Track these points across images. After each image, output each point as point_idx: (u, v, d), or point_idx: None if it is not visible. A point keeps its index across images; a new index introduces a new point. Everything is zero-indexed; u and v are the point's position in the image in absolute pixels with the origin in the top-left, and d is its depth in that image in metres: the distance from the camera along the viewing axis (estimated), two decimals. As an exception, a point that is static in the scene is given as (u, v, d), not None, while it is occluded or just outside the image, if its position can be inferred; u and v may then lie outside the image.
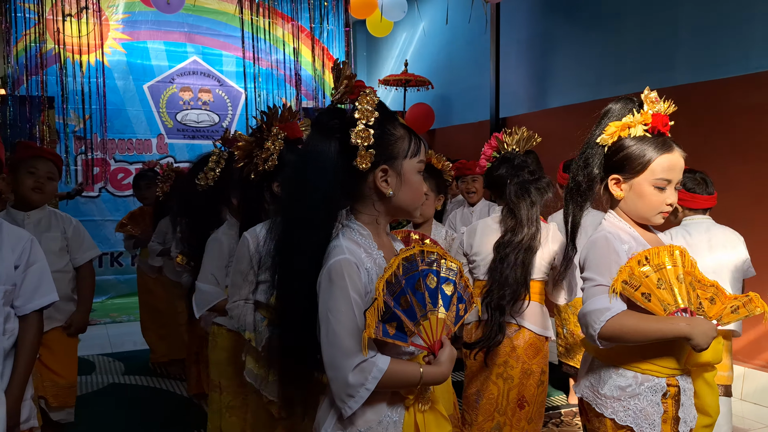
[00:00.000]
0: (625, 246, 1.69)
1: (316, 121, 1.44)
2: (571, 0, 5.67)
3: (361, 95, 1.42)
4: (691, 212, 2.88)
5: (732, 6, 4.25)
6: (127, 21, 7.24)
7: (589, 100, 5.40)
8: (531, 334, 2.43)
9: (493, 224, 2.51)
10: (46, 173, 2.78)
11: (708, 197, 2.89)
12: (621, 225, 1.76)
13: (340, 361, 1.32)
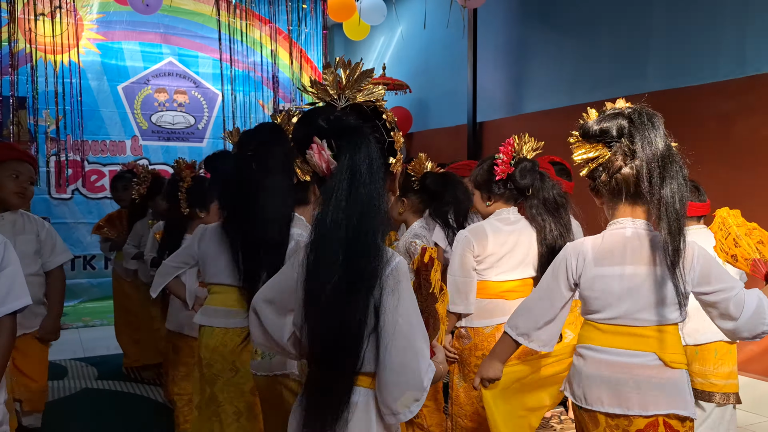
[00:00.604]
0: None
1: (361, 132, 1.35)
2: (546, 7, 5.74)
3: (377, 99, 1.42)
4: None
5: (703, 16, 4.34)
6: (102, 21, 7.14)
7: (564, 105, 5.47)
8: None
9: (503, 226, 2.56)
10: (28, 178, 2.76)
11: (701, 205, 2.88)
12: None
13: (416, 364, 1.29)
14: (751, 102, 4.01)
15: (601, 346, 1.76)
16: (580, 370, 1.80)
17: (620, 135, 1.73)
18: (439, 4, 6.68)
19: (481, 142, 6.37)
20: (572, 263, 1.80)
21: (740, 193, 4.07)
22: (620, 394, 1.72)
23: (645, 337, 1.73)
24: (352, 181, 1.30)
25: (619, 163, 1.73)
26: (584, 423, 1.82)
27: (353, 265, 1.29)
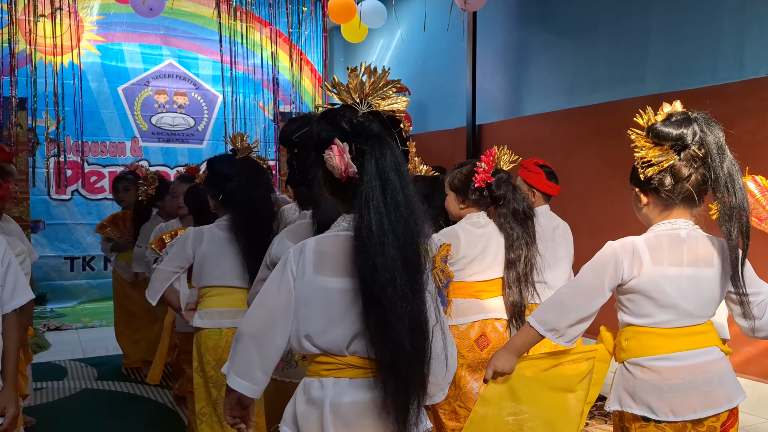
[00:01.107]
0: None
1: (384, 138, 1.40)
2: (546, 10, 5.77)
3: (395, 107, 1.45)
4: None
5: (701, 20, 4.37)
6: (102, 23, 7.16)
7: (563, 108, 5.49)
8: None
9: (474, 229, 2.64)
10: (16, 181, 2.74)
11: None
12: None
13: (452, 351, 1.48)
14: (749, 105, 4.03)
15: (672, 353, 1.75)
16: (658, 385, 1.73)
17: (693, 142, 1.75)
18: (439, 7, 6.71)
19: (479, 144, 6.39)
20: (624, 262, 1.76)
21: (738, 195, 4.10)
22: (709, 395, 1.73)
23: (705, 333, 1.78)
24: (384, 187, 1.34)
25: (687, 169, 1.74)
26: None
27: (411, 266, 1.35)
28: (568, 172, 5.37)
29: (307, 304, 1.43)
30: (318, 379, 1.45)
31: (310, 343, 1.44)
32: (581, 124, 5.28)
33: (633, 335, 1.80)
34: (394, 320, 1.33)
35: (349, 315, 1.39)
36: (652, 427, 1.73)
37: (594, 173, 5.12)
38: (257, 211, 2.56)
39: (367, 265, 1.34)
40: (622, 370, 1.81)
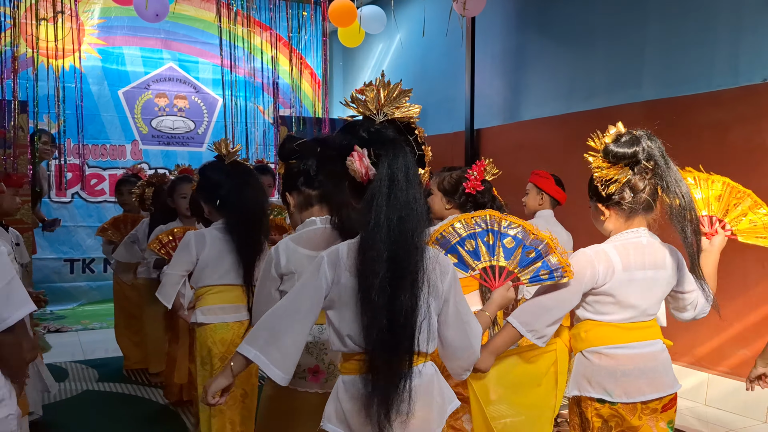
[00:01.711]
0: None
1: (399, 144, 1.52)
2: (544, 16, 5.83)
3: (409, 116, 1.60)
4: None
5: (697, 27, 4.43)
6: (103, 26, 7.20)
7: (561, 113, 5.55)
8: None
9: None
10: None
11: None
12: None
13: (469, 341, 1.63)
14: (744, 111, 4.09)
15: (626, 343, 1.96)
16: (613, 370, 1.94)
17: (643, 157, 1.94)
18: (438, 12, 6.76)
19: (478, 148, 6.44)
20: (600, 268, 1.94)
21: (733, 200, 4.15)
22: (656, 380, 1.96)
23: (652, 327, 2.03)
24: (391, 187, 1.47)
25: (642, 182, 1.94)
26: (609, 417, 1.97)
27: (396, 261, 1.46)
28: (566, 176, 5.42)
29: (347, 306, 1.53)
30: (359, 376, 1.53)
31: (352, 341, 1.54)
32: (578, 129, 5.31)
33: (592, 327, 2.00)
34: (377, 312, 1.45)
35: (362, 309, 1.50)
36: (606, 408, 1.96)
37: (591, 178, 5.18)
38: (250, 211, 2.73)
39: (361, 258, 1.48)
40: (580, 359, 2.01)
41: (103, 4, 7.16)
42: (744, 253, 4.06)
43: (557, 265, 1.94)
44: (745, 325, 4.07)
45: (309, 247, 2.08)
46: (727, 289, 4.18)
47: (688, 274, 2.02)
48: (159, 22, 6.80)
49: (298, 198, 2.21)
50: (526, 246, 1.97)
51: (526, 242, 1.97)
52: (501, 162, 6.75)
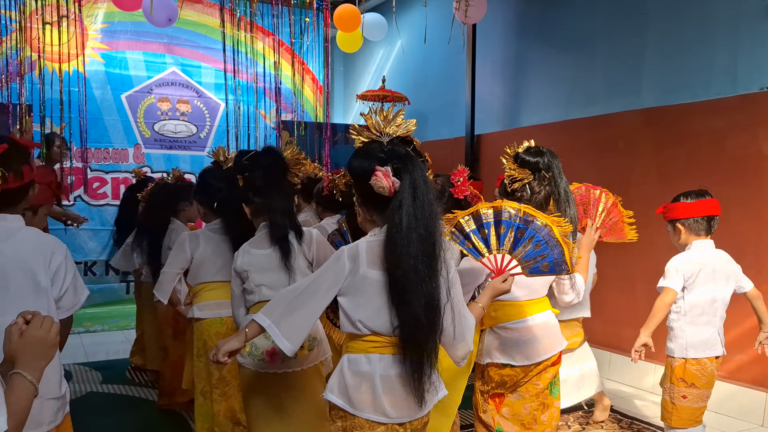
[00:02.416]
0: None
1: (411, 155, 1.77)
2: (543, 23, 5.89)
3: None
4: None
5: (695, 36, 4.49)
6: (106, 31, 7.25)
7: (560, 120, 5.60)
8: None
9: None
10: None
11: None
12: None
13: (469, 334, 1.82)
14: (741, 120, 4.15)
15: (526, 317, 2.44)
16: (515, 340, 2.43)
17: (543, 167, 2.44)
18: (439, 19, 6.83)
19: (478, 154, 6.50)
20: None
21: (730, 205, 4.20)
22: (547, 343, 2.45)
23: (543, 302, 2.51)
24: (415, 194, 1.72)
25: (539, 186, 2.44)
26: (507, 375, 2.45)
27: (429, 255, 1.71)
28: (565, 182, 5.49)
29: (361, 294, 1.77)
30: (365, 355, 1.78)
31: (363, 325, 1.77)
32: (578, 136, 5.39)
33: (499, 307, 2.44)
34: (413, 299, 1.70)
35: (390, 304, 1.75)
36: (508, 370, 2.44)
37: (590, 183, 5.22)
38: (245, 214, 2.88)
39: (395, 255, 1.70)
40: (491, 333, 2.48)
41: (107, 9, 7.20)
42: (742, 259, 4.11)
43: (562, 262, 2.15)
44: (741, 331, 4.12)
45: (261, 247, 2.46)
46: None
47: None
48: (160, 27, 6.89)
49: (251, 207, 2.52)
50: (518, 226, 2.17)
51: (539, 234, 2.15)
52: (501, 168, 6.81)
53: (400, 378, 1.76)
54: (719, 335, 3.01)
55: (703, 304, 2.99)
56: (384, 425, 1.76)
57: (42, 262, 1.98)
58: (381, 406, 1.75)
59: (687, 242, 3.07)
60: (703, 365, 2.96)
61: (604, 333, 5.06)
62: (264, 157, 2.51)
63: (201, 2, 7.68)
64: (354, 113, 8.97)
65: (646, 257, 4.72)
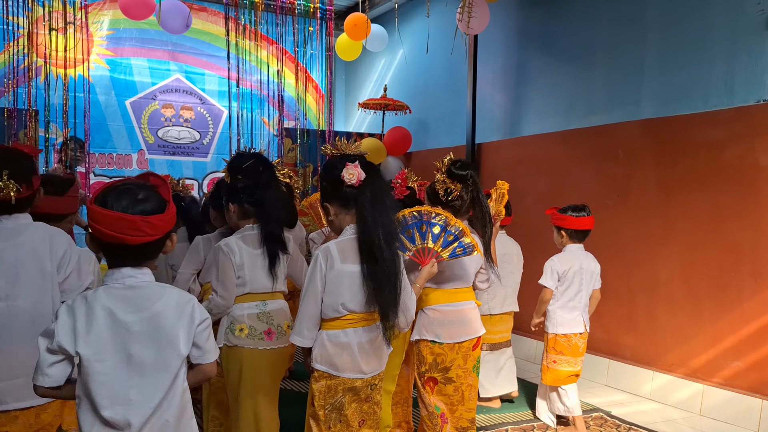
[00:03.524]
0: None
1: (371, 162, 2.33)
2: (544, 34, 5.98)
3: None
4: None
5: (694, 49, 4.57)
6: (112, 37, 7.33)
7: (560, 129, 5.68)
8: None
9: None
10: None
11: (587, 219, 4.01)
12: None
13: (412, 305, 2.40)
14: (738, 131, 4.23)
15: (449, 303, 2.94)
16: (441, 320, 2.91)
17: (469, 179, 2.95)
18: (441, 29, 6.92)
19: (479, 162, 6.57)
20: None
21: (727, 214, 4.28)
22: (468, 327, 2.96)
23: (468, 292, 3.02)
24: (381, 197, 2.25)
25: (466, 195, 2.95)
26: (438, 354, 2.90)
27: (391, 240, 2.25)
28: (565, 191, 5.55)
29: (340, 284, 2.25)
30: (342, 330, 2.28)
31: (344, 308, 2.26)
32: (578, 146, 5.46)
33: (431, 292, 2.94)
34: (385, 284, 2.21)
35: (363, 287, 2.25)
36: (436, 347, 2.91)
37: (590, 193, 5.29)
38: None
39: (367, 246, 2.21)
40: (422, 313, 2.93)
41: (113, 16, 7.29)
42: (739, 269, 4.19)
43: (469, 244, 2.81)
44: (738, 338, 4.19)
45: (251, 246, 2.77)
46: (721, 303, 4.30)
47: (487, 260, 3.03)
48: (167, 35, 7.00)
49: (239, 209, 2.79)
50: (447, 231, 2.79)
51: (448, 228, 2.79)
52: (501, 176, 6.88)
53: (370, 343, 2.30)
54: (582, 316, 3.88)
55: (571, 293, 3.86)
56: (361, 380, 2.30)
57: (48, 251, 2.31)
58: (358, 366, 2.28)
59: (565, 245, 3.91)
60: (569, 338, 3.85)
61: (603, 341, 5.12)
62: (264, 163, 2.82)
63: (206, 11, 7.77)
64: (355, 121, 9.05)
65: (645, 267, 4.79)
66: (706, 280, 4.39)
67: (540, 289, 3.89)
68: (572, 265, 3.82)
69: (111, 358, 1.61)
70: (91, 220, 1.64)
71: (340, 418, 2.30)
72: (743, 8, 4.24)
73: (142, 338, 1.64)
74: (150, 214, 1.63)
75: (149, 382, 1.63)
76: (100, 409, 1.58)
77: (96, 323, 1.61)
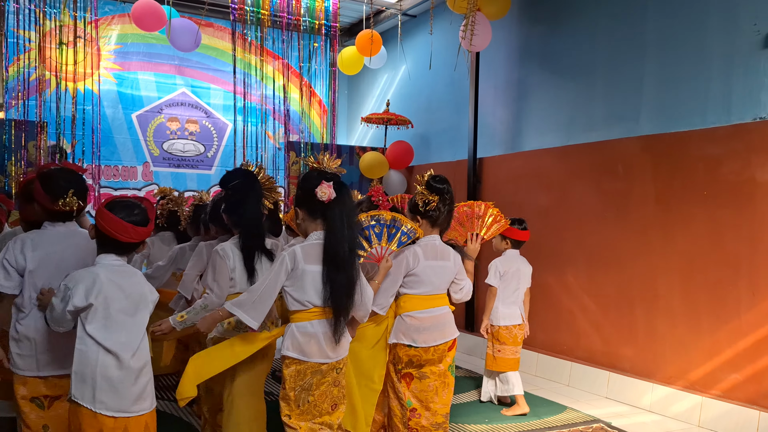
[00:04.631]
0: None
1: (344, 183, 2.70)
2: (546, 51, 6.09)
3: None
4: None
5: (691, 67, 4.68)
6: (119, 52, 7.45)
7: (561, 145, 5.78)
8: None
9: None
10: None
11: (524, 232, 4.68)
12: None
13: (369, 301, 2.77)
14: (736, 147, 4.32)
15: (427, 309, 3.17)
16: (417, 326, 3.13)
17: (446, 193, 3.19)
18: (443, 46, 7.05)
19: (480, 177, 6.66)
20: (411, 260, 3.13)
21: (725, 228, 4.36)
22: (443, 331, 3.19)
23: (443, 298, 3.25)
24: (348, 212, 2.63)
25: (442, 207, 3.18)
26: (413, 355, 3.14)
27: (353, 252, 2.65)
28: (565, 205, 5.64)
29: (305, 282, 2.59)
30: (309, 322, 2.63)
31: (308, 302, 2.61)
32: (578, 161, 5.55)
33: (408, 299, 3.17)
34: (342, 289, 2.59)
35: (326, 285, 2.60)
36: (412, 350, 3.14)
37: (590, 207, 5.38)
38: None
39: (331, 255, 2.57)
40: (399, 319, 3.18)
41: (120, 31, 7.42)
42: (736, 282, 4.27)
43: (411, 229, 3.13)
44: (736, 350, 4.25)
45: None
46: (720, 316, 4.38)
47: (462, 268, 3.30)
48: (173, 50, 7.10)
49: (229, 220, 3.14)
50: (389, 226, 3.12)
51: (390, 224, 3.12)
52: (502, 190, 7.00)
53: (333, 333, 2.64)
54: (519, 310, 4.57)
55: (510, 291, 4.55)
56: (326, 364, 2.65)
57: (91, 251, 2.67)
58: (325, 352, 2.64)
59: (505, 250, 4.63)
60: (510, 330, 4.52)
61: (603, 353, 5.18)
62: (247, 183, 3.14)
63: (212, 26, 7.90)
64: (357, 134, 9.16)
65: (645, 279, 4.87)
66: (705, 293, 4.47)
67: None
68: (511, 267, 4.56)
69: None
70: (98, 218, 2.42)
71: (308, 398, 2.66)
72: (740, 28, 4.36)
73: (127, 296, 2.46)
74: (137, 225, 2.44)
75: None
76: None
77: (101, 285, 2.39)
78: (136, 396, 2.40)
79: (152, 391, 2.51)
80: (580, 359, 5.37)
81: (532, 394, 4.92)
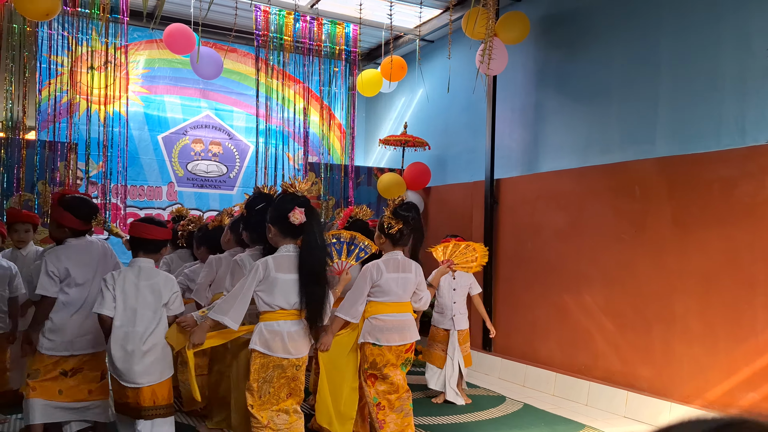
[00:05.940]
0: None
1: (314, 207, 3.22)
2: (561, 75, 6.22)
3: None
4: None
5: (705, 90, 4.77)
6: (147, 76, 7.70)
7: (577, 166, 5.87)
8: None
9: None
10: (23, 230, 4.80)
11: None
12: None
13: (329, 308, 3.32)
14: (750, 169, 4.39)
15: (389, 314, 3.64)
16: (381, 327, 3.60)
17: (411, 219, 3.67)
18: (460, 70, 7.20)
19: (497, 197, 6.76)
20: (374, 273, 3.61)
21: (740, 249, 4.41)
22: (404, 333, 3.67)
23: (406, 305, 3.72)
24: (319, 231, 3.15)
25: (406, 230, 3.67)
26: (377, 356, 3.61)
27: (324, 264, 3.16)
28: (582, 226, 5.72)
29: (274, 287, 3.06)
30: (276, 321, 3.08)
31: (276, 305, 3.07)
32: (594, 182, 5.64)
33: (374, 305, 3.65)
34: (315, 298, 3.09)
35: (294, 291, 3.09)
36: (376, 349, 3.61)
37: (607, 228, 5.45)
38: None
39: (308, 269, 3.08)
40: (367, 321, 3.63)
41: (148, 56, 7.67)
42: (753, 301, 4.31)
43: (366, 245, 3.74)
44: (754, 370, 4.28)
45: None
46: (737, 335, 4.42)
47: (423, 281, 3.81)
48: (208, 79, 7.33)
49: (249, 236, 3.62)
50: (348, 243, 3.72)
51: (351, 242, 3.73)
52: (519, 210, 7.09)
53: (297, 333, 3.10)
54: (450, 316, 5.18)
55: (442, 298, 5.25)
56: (287, 359, 3.07)
57: (110, 255, 3.90)
58: (287, 349, 3.06)
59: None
60: (438, 330, 5.22)
61: (621, 372, 5.21)
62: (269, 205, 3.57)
63: (236, 51, 8.14)
64: (375, 156, 9.32)
65: (662, 299, 4.92)
66: (721, 313, 4.51)
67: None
68: (446, 278, 5.11)
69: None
70: (131, 231, 3.42)
71: (269, 389, 3.08)
72: (752, 51, 4.46)
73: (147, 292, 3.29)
74: (157, 225, 3.47)
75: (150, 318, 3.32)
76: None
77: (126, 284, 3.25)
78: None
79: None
80: (598, 378, 5.40)
81: (551, 413, 4.96)
